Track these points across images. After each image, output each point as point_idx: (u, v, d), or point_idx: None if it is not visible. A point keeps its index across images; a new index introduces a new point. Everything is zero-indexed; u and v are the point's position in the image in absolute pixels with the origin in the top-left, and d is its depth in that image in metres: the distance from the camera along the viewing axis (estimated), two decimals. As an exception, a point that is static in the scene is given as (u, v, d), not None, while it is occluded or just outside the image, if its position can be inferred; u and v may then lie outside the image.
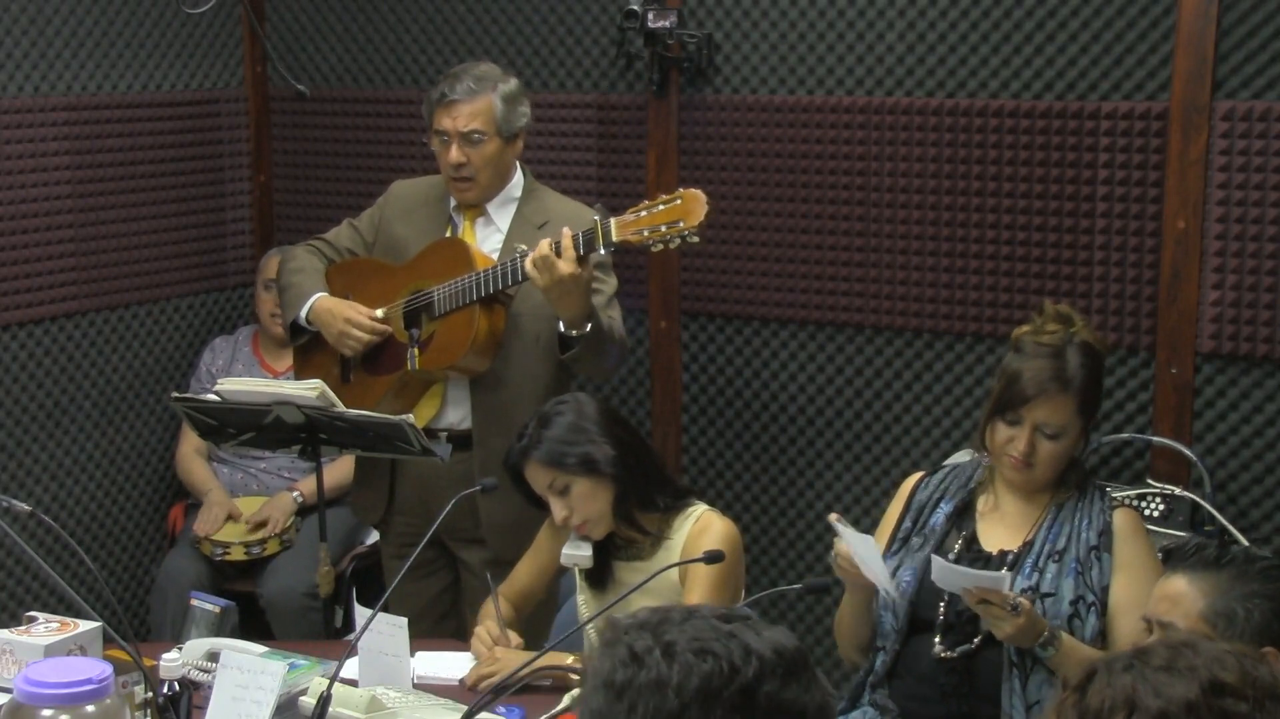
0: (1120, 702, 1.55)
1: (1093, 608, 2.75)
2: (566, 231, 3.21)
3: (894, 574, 2.89)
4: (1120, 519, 2.83)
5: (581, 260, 3.20)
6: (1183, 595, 2.33)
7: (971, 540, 2.87)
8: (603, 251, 3.23)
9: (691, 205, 3.16)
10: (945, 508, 2.93)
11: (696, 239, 3.19)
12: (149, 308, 4.44)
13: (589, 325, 3.32)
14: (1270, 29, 3.43)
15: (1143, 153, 3.58)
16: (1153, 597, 2.41)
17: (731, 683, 1.43)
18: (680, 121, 4.10)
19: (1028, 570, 2.79)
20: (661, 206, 3.18)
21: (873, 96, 3.87)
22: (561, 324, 3.34)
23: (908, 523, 2.95)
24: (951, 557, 2.84)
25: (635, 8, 3.96)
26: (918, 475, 3.05)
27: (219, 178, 4.63)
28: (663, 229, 3.16)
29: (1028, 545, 2.82)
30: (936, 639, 2.80)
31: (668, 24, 3.96)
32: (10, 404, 4.08)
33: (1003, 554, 2.83)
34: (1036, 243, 3.72)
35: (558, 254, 3.18)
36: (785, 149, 3.99)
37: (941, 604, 2.81)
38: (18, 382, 4.09)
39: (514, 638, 2.93)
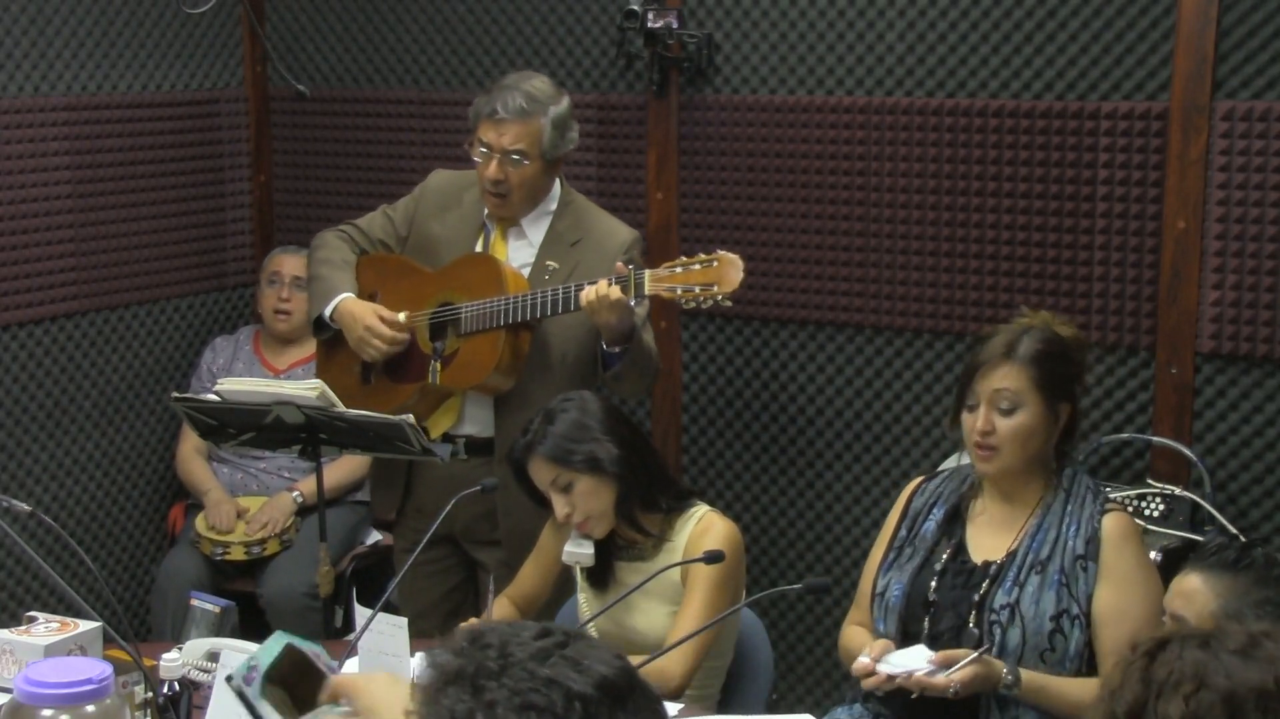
0: (1189, 675, 1.54)
1: (1076, 621, 2.70)
2: (620, 266, 3.25)
3: (885, 589, 2.86)
4: (1110, 524, 2.76)
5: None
6: (1196, 593, 2.32)
7: (959, 550, 2.83)
8: (631, 302, 3.24)
9: (727, 271, 3.18)
10: (937, 515, 2.90)
11: (729, 304, 3.22)
12: (149, 308, 4.44)
13: (630, 343, 3.34)
14: (1270, 29, 3.43)
15: (1143, 153, 3.58)
16: (1170, 590, 2.40)
17: None
18: (680, 121, 4.10)
19: (1008, 585, 2.74)
20: (698, 267, 3.19)
21: (873, 96, 3.88)
22: (604, 343, 3.36)
23: (903, 531, 2.92)
24: (938, 567, 2.81)
25: (635, 8, 3.97)
26: (916, 481, 3.03)
27: (219, 178, 4.63)
28: (696, 289, 3.18)
29: (1011, 556, 2.77)
30: None
31: (668, 24, 3.96)
32: (10, 404, 4.08)
33: (987, 566, 2.79)
34: (1036, 243, 3.72)
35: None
36: (785, 149, 3.99)
37: (926, 619, 2.78)
38: (18, 382, 4.09)
39: None
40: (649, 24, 3.96)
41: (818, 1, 3.91)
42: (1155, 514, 3.51)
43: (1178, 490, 3.53)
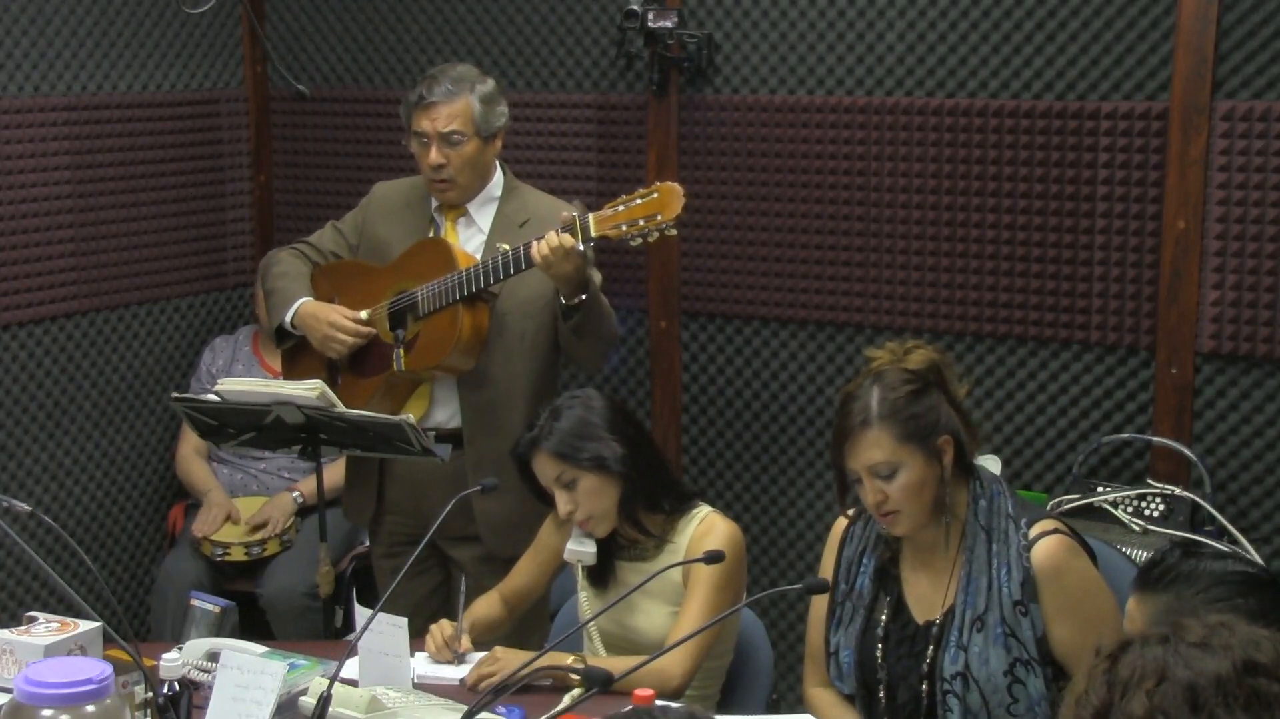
0: (1150, 671, 1.54)
1: (1030, 666, 2.60)
2: (565, 216, 3.26)
3: (836, 649, 2.78)
4: (1040, 558, 2.61)
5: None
6: (1133, 617, 2.24)
7: (899, 607, 2.73)
8: (581, 247, 3.25)
9: (668, 199, 3.19)
10: (868, 566, 2.79)
11: (674, 232, 3.22)
12: (149, 308, 4.44)
13: (587, 293, 3.36)
14: (1270, 29, 3.43)
15: (1143, 153, 3.58)
16: (1126, 616, 2.33)
17: None
18: (680, 121, 4.10)
19: (952, 650, 2.63)
20: (639, 201, 3.21)
21: (873, 96, 3.88)
22: (562, 297, 3.38)
23: (842, 584, 2.81)
24: (880, 630, 2.72)
25: (635, 8, 3.97)
26: (843, 524, 2.87)
27: (219, 178, 4.63)
28: (640, 223, 3.19)
29: (949, 614, 2.66)
30: None
31: (668, 24, 3.97)
32: (10, 404, 4.08)
33: (928, 626, 2.69)
34: (1036, 243, 3.72)
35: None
36: (785, 149, 3.99)
37: (881, 689, 2.72)
38: (18, 382, 4.09)
39: (465, 642, 2.92)
40: (649, 24, 3.96)
41: (818, 1, 3.91)
42: (1155, 514, 3.51)
43: (1178, 490, 3.53)
